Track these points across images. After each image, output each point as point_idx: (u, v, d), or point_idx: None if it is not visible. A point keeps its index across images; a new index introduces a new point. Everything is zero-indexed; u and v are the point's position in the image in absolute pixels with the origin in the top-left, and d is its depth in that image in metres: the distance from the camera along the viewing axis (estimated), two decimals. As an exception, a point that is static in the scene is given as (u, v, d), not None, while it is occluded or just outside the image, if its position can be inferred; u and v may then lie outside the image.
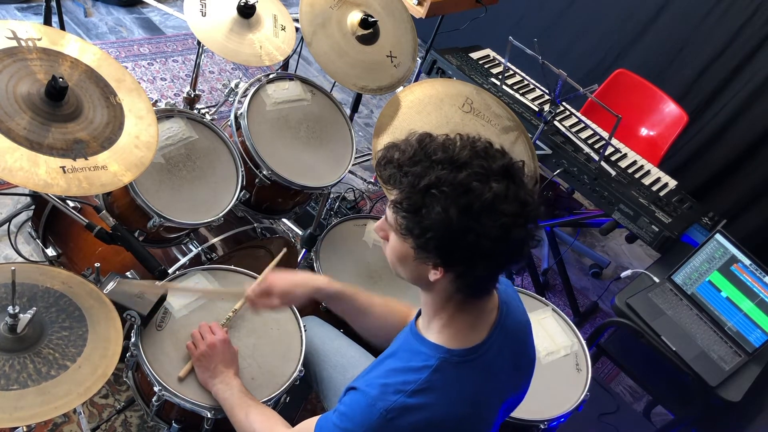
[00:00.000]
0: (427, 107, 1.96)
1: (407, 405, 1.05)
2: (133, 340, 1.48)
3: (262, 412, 1.35)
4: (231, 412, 1.37)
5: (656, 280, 2.29)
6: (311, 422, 1.17)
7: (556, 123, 2.64)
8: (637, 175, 2.63)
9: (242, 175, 1.83)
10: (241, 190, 1.81)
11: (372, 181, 3.20)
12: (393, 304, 1.48)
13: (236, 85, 2.02)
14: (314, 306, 1.87)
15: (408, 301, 1.86)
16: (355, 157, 2.08)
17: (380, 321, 1.44)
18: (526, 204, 1.03)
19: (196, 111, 2.18)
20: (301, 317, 1.66)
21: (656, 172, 2.70)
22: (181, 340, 1.52)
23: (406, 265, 1.10)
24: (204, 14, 1.95)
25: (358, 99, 2.69)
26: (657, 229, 2.39)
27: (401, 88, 2.05)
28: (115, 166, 1.38)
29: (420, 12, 2.73)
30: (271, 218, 2.13)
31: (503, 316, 1.18)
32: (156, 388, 1.43)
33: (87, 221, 1.61)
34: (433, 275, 1.06)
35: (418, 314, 1.22)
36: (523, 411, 1.34)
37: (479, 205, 0.99)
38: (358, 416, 1.08)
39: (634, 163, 2.71)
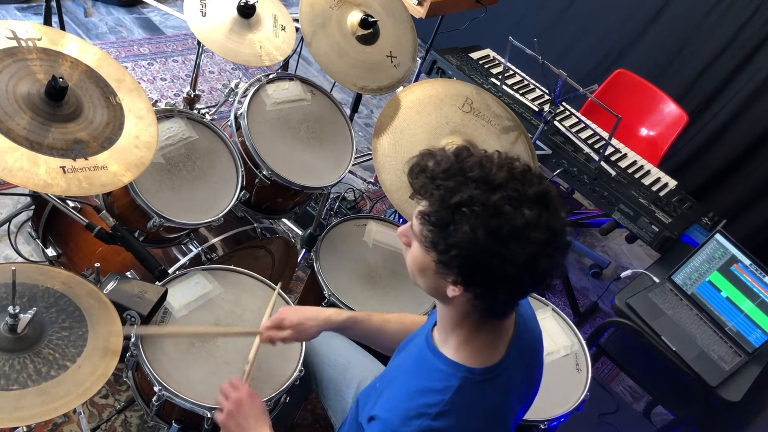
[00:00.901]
0: (427, 107, 1.96)
1: (432, 428, 1.03)
2: (133, 340, 1.48)
3: None
4: None
5: (656, 280, 2.29)
6: None
7: (556, 123, 2.64)
8: (637, 175, 2.63)
9: (242, 175, 1.83)
10: (241, 190, 1.81)
11: (372, 181, 3.20)
12: (409, 318, 1.46)
13: (236, 85, 2.02)
14: (314, 305, 1.87)
15: (406, 302, 1.88)
16: (355, 157, 2.08)
17: (399, 336, 1.41)
18: (557, 233, 1.00)
19: (196, 111, 2.18)
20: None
21: (656, 172, 2.70)
22: (181, 340, 1.52)
23: (426, 276, 1.08)
24: (204, 14, 1.95)
25: (358, 99, 2.69)
26: (657, 229, 2.39)
27: (401, 88, 2.05)
28: (115, 166, 1.38)
29: (420, 12, 2.73)
30: (271, 218, 2.13)
31: (520, 331, 1.16)
32: (156, 388, 1.43)
33: (87, 221, 1.61)
34: (451, 291, 1.04)
35: (434, 324, 1.20)
36: (524, 411, 1.35)
37: (509, 229, 0.96)
38: None
39: (634, 163, 2.71)
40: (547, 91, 2.41)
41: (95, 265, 1.58)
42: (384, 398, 1.15)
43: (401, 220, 2.44)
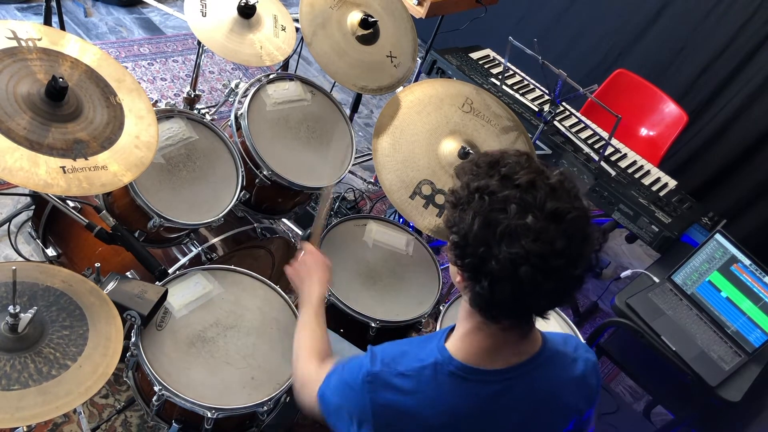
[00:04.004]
0: (427, 107, 1.96)
1: (387, 381, 1.08)
2: (133, 339, 1.48)
3: (311, 336, 1.37)
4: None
5: (656, 280, 2.29)
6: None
7: (556, 123, 2.64)
8: (637, 175, 2.63)
9: (242, 175, 1.83)
10: (241, 190, 1.81)
11: (372, 181, 3.20)
12: None
13: (236, 86, 2.02)
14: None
15: (406, 302, 1.88)
16: (355, 157, 2.08)
17: None
18: (558, 255, 0.96)
19: (196, 111, 2.18)
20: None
21: (656, 172, 2.70)
22: (181, 340, 1.52)
23: (449, 260, 1.10)
24: (204, 14, 1.95)
25: (358, 99, 2.69)
26: (657, 229, 2.39)
27: (401, 88, 2.05)
28: (115, 166, 1.38)
29: (420, 12, 2.73)
30: (271, 218, 2.13)
31: (534, 367, 1.12)
32: (156, 388, 1.43)
33: (87, 221, 1.61)
34: (457, 275, 1.07)
35: None
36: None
37: (504, 227, 0.96)
38: (347, 370, 1.14)
39: (634, 163, 2.71)
40: (547, 91, 2.41)
41: (95, 265, 1.58)
42: (389, 343, 1.20)
43: (401, 220, 2.43)
